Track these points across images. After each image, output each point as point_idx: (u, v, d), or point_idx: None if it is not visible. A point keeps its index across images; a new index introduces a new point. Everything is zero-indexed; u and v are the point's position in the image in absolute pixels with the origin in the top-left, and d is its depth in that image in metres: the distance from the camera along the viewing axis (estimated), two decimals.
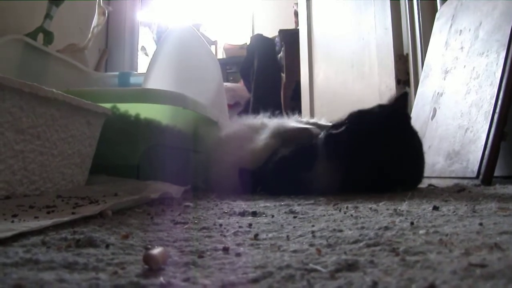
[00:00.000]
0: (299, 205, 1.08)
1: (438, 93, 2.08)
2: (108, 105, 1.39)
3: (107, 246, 0.57)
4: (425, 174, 1.63)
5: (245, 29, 5.92)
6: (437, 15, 2.32)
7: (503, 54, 1.70)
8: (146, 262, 0.46)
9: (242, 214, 0.93)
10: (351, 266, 0.45)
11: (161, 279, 0.41)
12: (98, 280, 0.41)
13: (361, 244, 0.56)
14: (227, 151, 1.58)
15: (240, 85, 4.49)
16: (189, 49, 2.04)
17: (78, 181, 1.27)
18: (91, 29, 2.83)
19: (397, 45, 2.59)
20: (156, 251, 0.48)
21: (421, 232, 0.63)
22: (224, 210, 0.99)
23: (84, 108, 1.24)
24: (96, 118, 1.32)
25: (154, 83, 1.68)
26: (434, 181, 1.80)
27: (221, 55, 5.67)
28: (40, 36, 2.16)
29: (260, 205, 1.10)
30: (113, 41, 3.56)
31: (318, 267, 0.45)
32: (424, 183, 1.62)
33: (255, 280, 0.41)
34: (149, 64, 1.76)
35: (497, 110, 1.64)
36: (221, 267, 0.46)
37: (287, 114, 1.85)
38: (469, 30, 1.99)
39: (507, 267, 0.42)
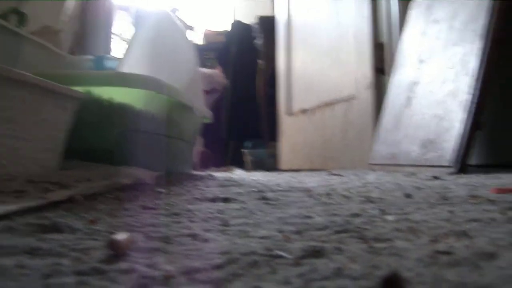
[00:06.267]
0: (272, 191, 1.08)
1: (413, 82, 2.08)
2: (81, 89, 1.37)
3: (73, 232, 0.56)
4: (400, 162, 1.64)
5: (225, 15, 5.89)
6: (413, 4, 2.32)
7: (479, 45, 1.71)
8: (110, 248, 0.46)
9: (214, 200, 0.93)
10: (317, 253, 0.45)
11: (124, 264, 0.41)
12: (60, 266, 0.40)
13: (329, 231, 0.56)
14: None
15: (217, 71, 4.47)
16: (165, 34, 2.03)
17: (50, 166, 1.25)
18: (66, 11, 2.79)
19: (375, 33, 2.58)
20: (121, 236, 0.47)
21: (391, 219, 0.63)
22: (196, 196, 0.99)
23: (57, 91, 1.22)
24: (69, 102, 1.30)
25: (129, 68, 1.66)
26: (408, 169, 1.81)
27: (199, 40, 5.64)
28: (13, 18, 2.12)
29: (233, 191, 1.10)
30: (89, 24, 3.51)
31: (284, 254, 0.44)
32: (399, 171, 1.63)
33: (219, 267, 0.40)
34: (125, 48, 1.74)
35: (473, 99, 1.65)
36: (186, 253, 0.46)
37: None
38: (445, 20, 2.00)
39: (473, 254, 0.42)
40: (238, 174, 2.36)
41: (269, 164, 3.49)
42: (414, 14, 2.28)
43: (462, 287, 0.33)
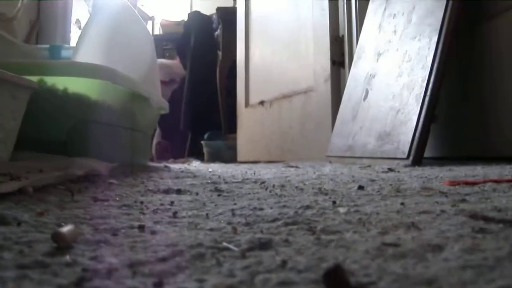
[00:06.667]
0: (226, 183, 1.08)
1: (370, 74, 2.10)
2: (35, 78, 1.35)
3: (19, 224, 0.54)
4: (357, 154, 1.65)
5: (183, 6, 5.85)
6: None
7: (435, 39, 1.73)
8: (54, 240, 0.45)
9: (167, 191, 0.92)
10: (264, 245, 0.44)
11: (67, 257, 0.40)
12: (1, 260, 0.39)
13: (279, 223, 0.56)
14: None
15: (176, 62, 4.45)
16: (122, 23, 2.00)
17: (1, 157, 1.22)
18: None
19: (333, 27, 2.60)
20: (66, 229, 0.46)
21: (341, 211, 0.63)
22: (149, 188, 0.98)
23: (8, 80, 1.19)
24: (21, 92, 1.27)
25: (84, 57, 1.64)
26: (365, 161, 1.83)
27: (158, 31, 5.60)
28: None
29: (187, 183, 1.09)
30: (45, 12, 3.44)
31: (230, 246, 0.44)
32: (355, 163, 1.64)
33: (163, 259, 0.40)
34: (79, 37, 1.71)
35: (428, 93, 1.67)
36: (132, 246, 0.45)
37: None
38: (403, 14, 2.01)
39: (420, 246, 0.42)
40: (195, 165, 2.36)
41: (228, 155, 3.49)
42: (373, 8, 2.29)
43: (406, 279, 0.33)
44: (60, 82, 1.43)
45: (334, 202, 0.71)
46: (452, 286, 0.31)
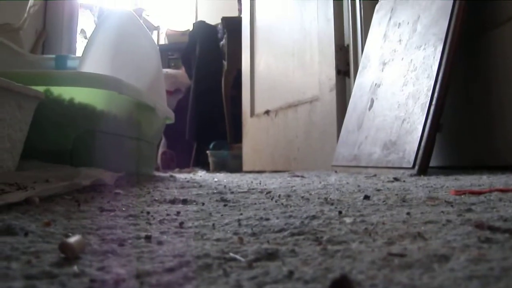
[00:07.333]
0: (232, 193, 1.08)
1: (375, 84, 2.10)
2: (41, 88, 1.35)
3: (26, 234, 0.54)
4: (362, 164, 1.65)
5: (188, 15, 5.86)
6: (377, 7, 2.34)
7: (440, 48, 1.73)
8: (62, 251, 0.45)
9: (173, 201, 0.92)
10: (271, 255, 0.44)
11: (75, 268, 0.40)
12: (9, 270, 0.39)
13: (285, 233, 0.56)
14: None
15: (181, 72, 4.46)
16: (127, 33, 2.01)
17: (8, 167, 1.22)
18: (27, 8, 2.75)
19: (338, 36, 2.60)
20: (73, 239, 0.46)
21: (347, 221, 0.63)
22: (155, 198, 0.98)
23: (15, 90, 1.19)
24: (28, 102, 1.27)
25: (90, 67, 1.64)
26: (370, 171, 1.82)
27: (163, 40, 5.61)
28: None
29: (193, 193, 1.10)
30: (51, 22, 3.46)
31: (237, 256, 0.44)
32: (361, 173, 1.63)
33: (170, 270, 0.40)
34: (85, 47, 1.72)
35: (434, 102, 1.67)
36: (139, 256, 0.45)
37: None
38: (408, 23, 2.02)
39: (426, 256, 0.42)
40: (200, 175, 2.36)
41: (233, 165, 3.49)
42: (378, 17, 2.30)
43: None
44: (66, 92, 1.44)
45: (340, 212, 0.71)
46: None
